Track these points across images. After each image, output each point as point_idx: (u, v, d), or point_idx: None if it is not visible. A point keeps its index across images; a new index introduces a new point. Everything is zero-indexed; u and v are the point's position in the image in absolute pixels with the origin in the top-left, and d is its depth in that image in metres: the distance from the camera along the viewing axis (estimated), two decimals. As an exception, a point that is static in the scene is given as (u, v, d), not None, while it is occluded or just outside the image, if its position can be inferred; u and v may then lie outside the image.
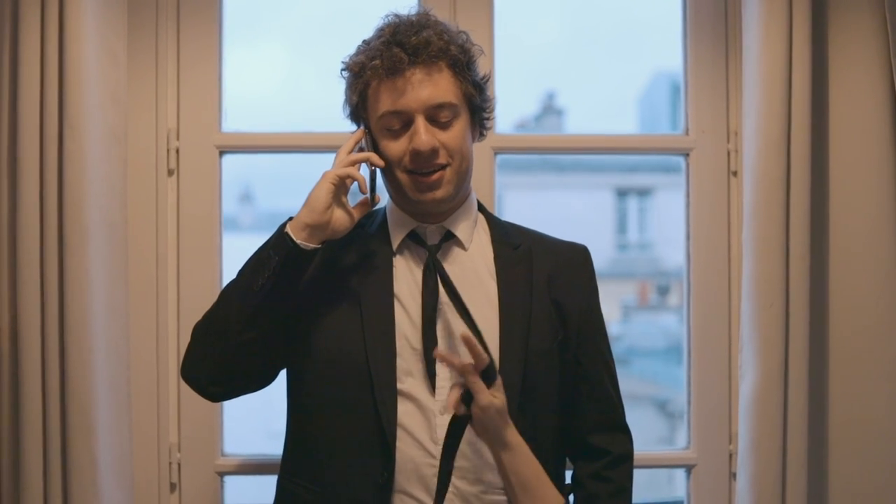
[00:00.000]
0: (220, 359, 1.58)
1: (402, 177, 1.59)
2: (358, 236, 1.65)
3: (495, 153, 2.19)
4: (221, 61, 2.18)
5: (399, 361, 1.57)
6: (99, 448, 1.91)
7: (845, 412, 2.07)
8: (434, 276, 1.61)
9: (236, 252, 2.27)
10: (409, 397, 1.56)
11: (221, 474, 2.18)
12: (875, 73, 2.05)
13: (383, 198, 1.68)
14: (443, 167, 1.58)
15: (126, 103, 2.02)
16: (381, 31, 1.61)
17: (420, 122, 1.55)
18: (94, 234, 1.92)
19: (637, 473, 1.73)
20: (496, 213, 2.17)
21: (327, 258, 1.62)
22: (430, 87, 1.56)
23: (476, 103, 1.63)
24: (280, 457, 1.72)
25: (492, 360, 1.47)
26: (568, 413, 1.67)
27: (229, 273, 2.16)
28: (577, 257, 1.72)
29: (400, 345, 1.58)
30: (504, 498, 1.57)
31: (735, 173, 2.20)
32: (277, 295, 1.55)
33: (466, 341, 1.44)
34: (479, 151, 2.16)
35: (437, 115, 1.57)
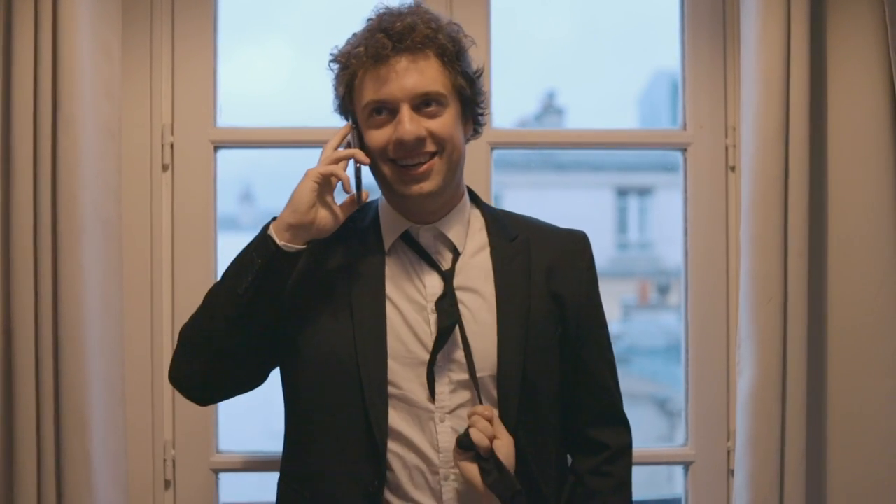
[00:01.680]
0: (208, 363, 1.55)
1: (386, 169, 1.53)
2: (349, 232, 1.59)
3: (492, 148, 2.18)
4: (216, 56, 2.17)
5: (392, 364, 1.52)
6: (93, 445, 1.90)
7: (844, 408, 2.06)
8: (451, 303, 1.54)
9: (236, 252, 2.25)
10: (406, 402, 1.52)
11: (216, 471, 2.17)
12: (874, 67, 2.04)
13: (374, 193, 1.64)
14: (432, 155, 1.51)
15: (120, 98, 2.01)
16: (368, 21, 1.56)
17: (405, 111, 1.49)
18: (87, 229, 1.91)
19: (636, 471, 1.72)
20: (493, 211, 2.16)
21: (316, 256, 1.58)
22: (416, 75, 1.50)
23: (466, 95, 1.56)
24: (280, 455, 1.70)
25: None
26: (567, 406, 1.65)
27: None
28: (575, 246, 1.67)
29: (393, 347, 1.53)
30: None
31: (733, 168, 2.19)
32: (263, 298, 1.51)
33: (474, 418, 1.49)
34: (476, 146, 2.15)
35: (423, 105, 1.51)
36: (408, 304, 1.56)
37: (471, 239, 1.62)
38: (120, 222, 2.01)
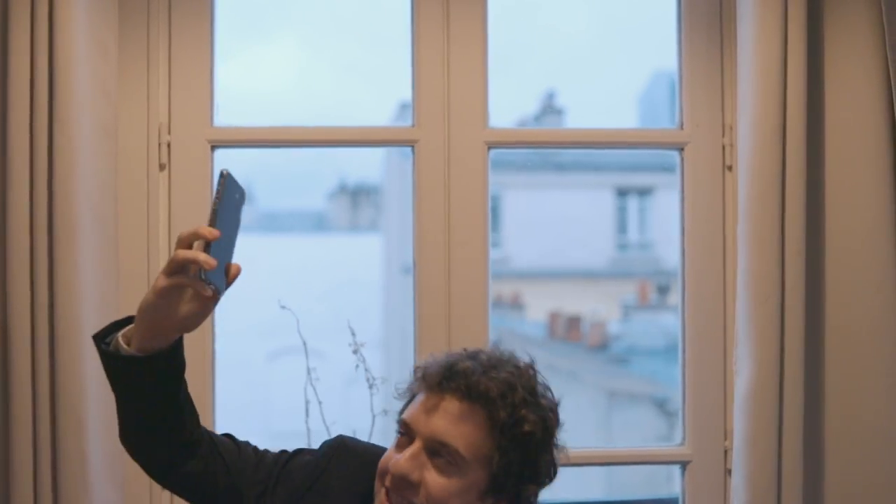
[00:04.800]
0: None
1: (379, 490, 1.40)
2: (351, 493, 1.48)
3: (489, 148, 2.18)
4: (213, 54, 2.16)
5: None
6: (89, 445, 1.90)
7: (841, 408, 2.06)
8: None
9: (236, 252, 2.25)
10: None
11: (213, 471, 2.16)
12: (871, 65, 2.04)
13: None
14: None
15: (116, 97, 2.01)
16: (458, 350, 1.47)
17: (415, 446, 1.37)
18: (84, 229, 1.91)
19: (634, 470, 1.72)
20: (490, 213, 2.17)
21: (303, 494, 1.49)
22: (448, 421, 1.36)
23: (497, 475, 1.37)
24: None
25: None
26: None
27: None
28: None
29: None
30: None
31: (730, 168, 2.19)
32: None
33: None
34: (472, 146, 2.15)
35: (436, 454, 1.37)
36: None
37: None
38: (116, 221, 2.00)
